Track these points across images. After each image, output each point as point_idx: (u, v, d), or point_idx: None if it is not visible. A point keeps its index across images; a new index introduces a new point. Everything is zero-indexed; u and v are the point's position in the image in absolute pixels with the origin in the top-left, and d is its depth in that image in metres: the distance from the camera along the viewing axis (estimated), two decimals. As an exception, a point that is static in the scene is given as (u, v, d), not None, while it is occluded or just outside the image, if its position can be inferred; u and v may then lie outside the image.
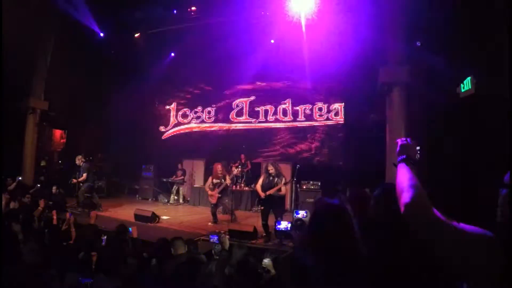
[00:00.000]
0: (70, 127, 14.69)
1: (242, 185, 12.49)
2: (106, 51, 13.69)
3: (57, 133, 14.64)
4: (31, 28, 11.86)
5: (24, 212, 6.95)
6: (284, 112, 13.24)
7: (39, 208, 7.50)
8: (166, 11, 12.53)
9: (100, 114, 14.06)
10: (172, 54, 14.58)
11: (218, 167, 10.16)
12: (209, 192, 10.08)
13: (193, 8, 12.40)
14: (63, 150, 14.33)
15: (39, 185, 11.22)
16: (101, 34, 13.32)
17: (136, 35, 13.61)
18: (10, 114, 11.95)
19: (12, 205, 8.20)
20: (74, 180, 10.85)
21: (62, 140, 14.70)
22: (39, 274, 3.59)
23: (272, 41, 12.25)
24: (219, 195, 9.93)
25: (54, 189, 10.63)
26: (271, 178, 8.06)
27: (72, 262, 4.34)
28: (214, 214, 9.91)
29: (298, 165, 9.30)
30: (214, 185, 9.98)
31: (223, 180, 9.97)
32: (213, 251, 5.40)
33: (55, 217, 7.25)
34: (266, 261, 4.54)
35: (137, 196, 14.20)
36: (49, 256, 4.38)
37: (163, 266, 4.38)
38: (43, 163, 13.24)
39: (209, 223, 9.70)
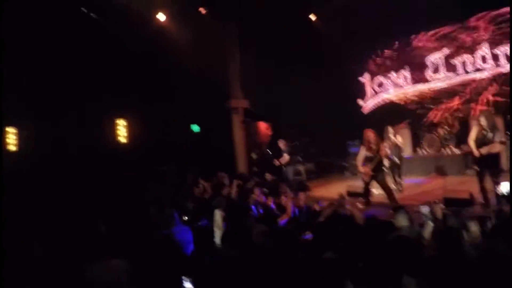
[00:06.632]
0: (271, 118, 15.56)
1: (452, 147, 11.43)
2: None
3: (262, 126, 15.68)
4: (220, 39, 13.50)
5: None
6: (483, 59, 11.46)
7: (253, 195, 7.98)
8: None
9: (296, 100, 14.52)
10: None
11: (370, 135, 8.24)
12: (360, 169, 8.46)
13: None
14: (271, 141, 15.22)
15: (255, 178, 12.04)
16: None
17: (313, 18, 14.06)
18: (219, 116, 13.60)
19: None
20: (276, 162, 11.47)
21: (268, 132, 15.66)
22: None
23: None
24: (373, 173, 8.14)
25: (268, 176, 11.32)
26: (483, 132, 6.79)
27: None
28: (365, 191, 8.15)
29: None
30: (367, 160, 8.24)
31: (377, 153, 8.04)
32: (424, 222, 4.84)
33: (270, 202, 7.64)
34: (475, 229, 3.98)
35: (345, 172, 14.20)
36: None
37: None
38: (253, 155, 14.36)
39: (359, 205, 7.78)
